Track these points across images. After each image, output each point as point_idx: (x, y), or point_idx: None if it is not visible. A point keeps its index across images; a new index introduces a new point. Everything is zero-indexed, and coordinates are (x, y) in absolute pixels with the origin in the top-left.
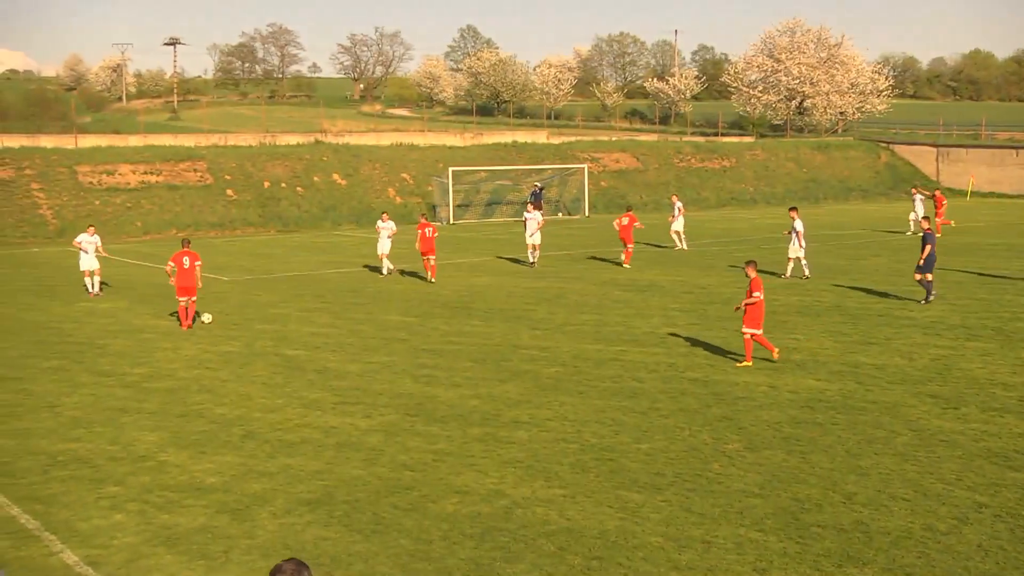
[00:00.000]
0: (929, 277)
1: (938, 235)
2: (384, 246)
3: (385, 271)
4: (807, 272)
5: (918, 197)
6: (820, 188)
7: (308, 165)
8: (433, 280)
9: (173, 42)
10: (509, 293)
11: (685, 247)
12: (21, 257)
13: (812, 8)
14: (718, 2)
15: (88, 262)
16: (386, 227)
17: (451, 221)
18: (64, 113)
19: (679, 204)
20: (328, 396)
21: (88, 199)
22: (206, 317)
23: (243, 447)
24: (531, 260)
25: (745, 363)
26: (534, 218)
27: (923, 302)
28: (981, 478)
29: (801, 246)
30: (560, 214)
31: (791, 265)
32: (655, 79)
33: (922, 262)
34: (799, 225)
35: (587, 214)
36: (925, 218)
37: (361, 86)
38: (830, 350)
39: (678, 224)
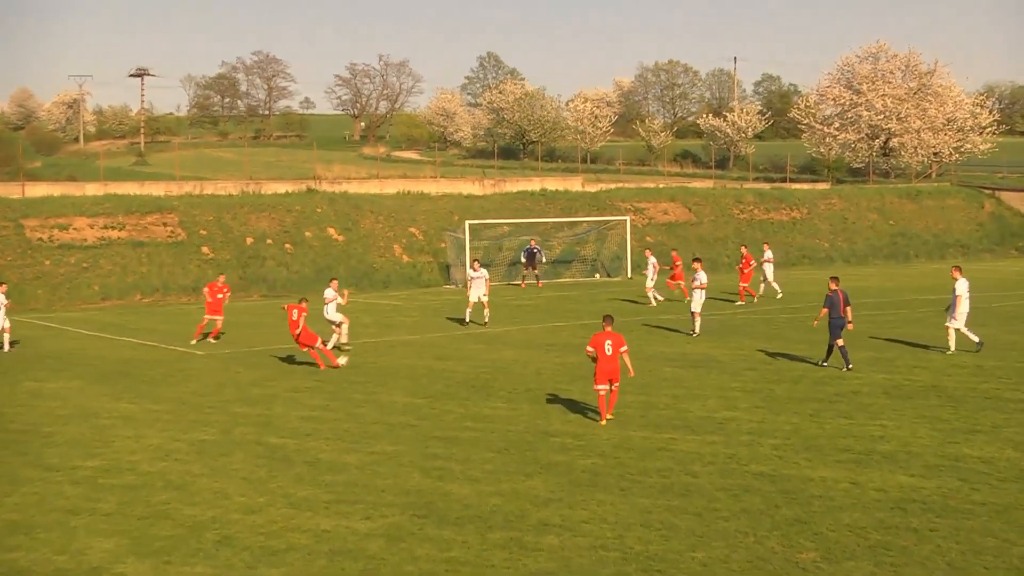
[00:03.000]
0: (840, 343)
1: (741, 302)
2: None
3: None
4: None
5: (768, 253)
6: (910, 243)
7: (299, 218)
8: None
9: (140, 73)
10: (538, 370)
11: (655, 303)
12: None
13: (898, 30)
14: (785, 25)
15: None
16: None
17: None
18: (10, 157)
19: (652, 260)
20: (320, 493)
21: (37, 258)
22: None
23: (217, 556)
24: (467, 319)
25: (601, 421)
26: (481, 276)
27: (845, 368)
28: None
29: (652, 278)
30: (597, 275)
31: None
32: (710, 115)
33: (815, 323)
34: (703, 277)
35: (629, 275)
36: (833, 278)
37: (362, 124)
38: (925, 439)
39: (651, 282)
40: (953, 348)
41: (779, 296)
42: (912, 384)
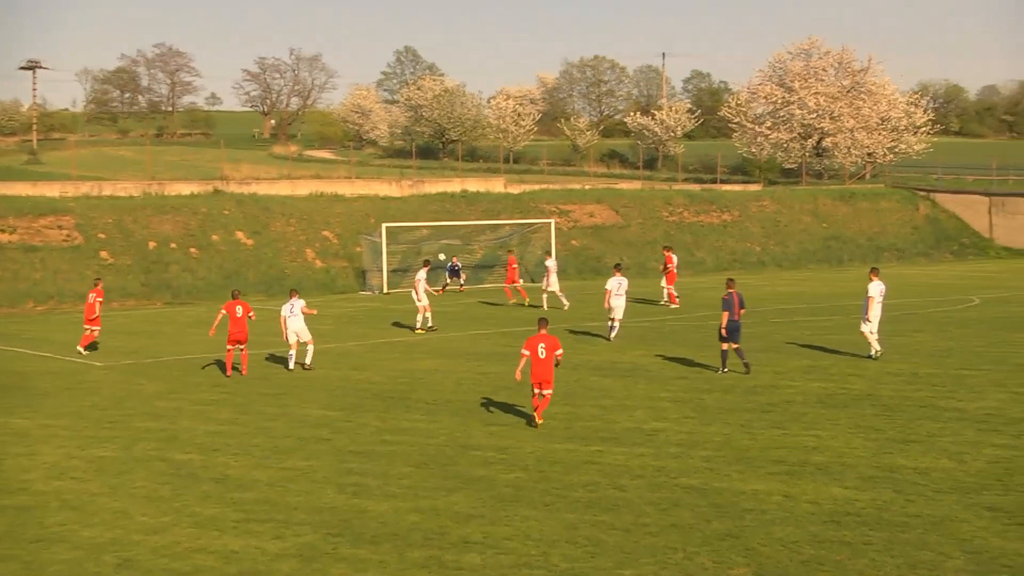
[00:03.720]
0: (735, 346)
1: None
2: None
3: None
4: (566, 303)
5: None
6: (844, 247)
7: (205, 221)
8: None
9: (32, 66)
10: (459, 380)
11: (567, 304)
12: None
13: (831, 25)
14: (715, 20)
15: None
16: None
17: (385, 290)
18: None
19: (550, 263)
20: (228, 512)
21: None
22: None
23: None
24: (428, 325)
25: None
26: (422, 279)
27: (719, 371)
28: None
29: (551, 283)
30: (521, 280)
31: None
32: (638, 113)
33: (723, 331)
34: (609, 283)
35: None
36: (729, 280)
37: (272, 122)
38: (860, 450)
39: (553, 283)
40: (877, 348)
41: (670, 304)
42: (847, 393)
